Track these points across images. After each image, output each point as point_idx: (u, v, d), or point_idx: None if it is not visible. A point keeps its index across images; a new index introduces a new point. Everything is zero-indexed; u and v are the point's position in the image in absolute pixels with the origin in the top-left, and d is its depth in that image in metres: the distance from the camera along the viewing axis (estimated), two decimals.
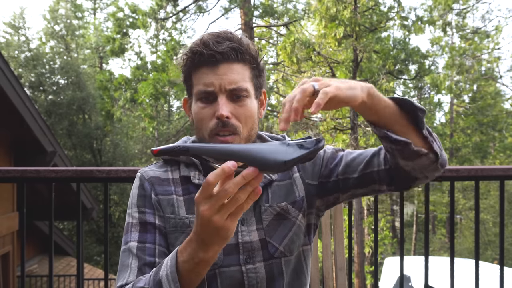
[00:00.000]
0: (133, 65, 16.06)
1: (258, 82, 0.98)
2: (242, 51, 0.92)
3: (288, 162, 0.68)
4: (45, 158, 6.13)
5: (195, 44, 0.92)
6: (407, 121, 0.85)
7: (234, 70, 0.91)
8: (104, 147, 16.30)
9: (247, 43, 0.94)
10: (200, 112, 0.93)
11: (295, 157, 0.68)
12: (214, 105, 0.91)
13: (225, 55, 0.90)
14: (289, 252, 0.96)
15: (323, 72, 10.64)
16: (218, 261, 0.91)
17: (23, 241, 1.75)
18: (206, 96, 0.92)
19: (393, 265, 6.36)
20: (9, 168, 1.69)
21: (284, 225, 0.96)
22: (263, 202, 0.97)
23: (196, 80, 0.93)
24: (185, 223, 0.94)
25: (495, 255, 14.69)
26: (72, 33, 18.30)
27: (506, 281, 1.90)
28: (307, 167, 1.02)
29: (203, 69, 0.92)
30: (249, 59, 0.94)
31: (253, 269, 0.93)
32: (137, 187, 0.99)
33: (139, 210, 0.95)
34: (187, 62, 0.94)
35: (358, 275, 10.13)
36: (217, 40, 0.90)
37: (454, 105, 19.41)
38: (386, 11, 10.44)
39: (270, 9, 12.39)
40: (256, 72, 0.96)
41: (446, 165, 0.90)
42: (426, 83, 12.99)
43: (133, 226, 0.94)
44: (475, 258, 1.88)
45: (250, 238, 0.94)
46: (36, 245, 8.59)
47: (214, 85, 0.90)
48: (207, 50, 0.89)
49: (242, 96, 0.92)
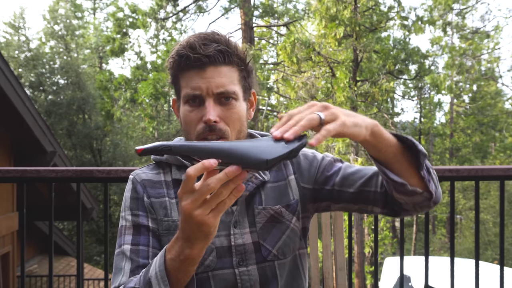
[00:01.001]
0: (133, 65, 16.08)
1: (247, 84, 0.96)
2: (229, 53, 0.90)
3: (270, 161, 0.67)
4: (45, 158, 6.13)
5: (182, 47, 0.90)
6: (408, 163, 0.85)
7: (222, 73, 0.90)
8: (104, 147, 16.29)
9: (235, 44, 0.93)
10: (187, 116, 0.92)
11: (276, 156, 0.68)
12: (202, 109, 0.90)
13: (212, 58, 0.89)
14: (283, 255, 0.95)
15: (323, 72, 10.64)
16: (211, 263, 0.91)
17: (23, 241, 1.75)
18: (193, 99, 0.91)
19: (393, 265, 6.36)
20: (9, 168, 1.68)
21: (278, 228, 0.96)
22: (256, 204, 0.96)
23: (184, 83, 0.92)
24: (177, 225, 0.92)
25: (495, 255, 14.69)
26: (72, 33, 18.29)
27: (506, 281, 1.90)
28: (303, 171, 1.01)
29: (190, 73, 0.90)
30: (237, 61, 0.92)
31: (246, 272, 0.92)
32: (129, 190, 0.98)
33: (132, 213, 0.95)
34: (174, 65, 0.93)
35: (358, 275, 10.13)
36: (203, 43, 0.89)
37: (454, 105, 19.41)
38: (386, 11, 10.44)
39: (270, 9, 12.39)
40: (245, 73, 0.95)
41: (439, 201, 0.91)
42: (426, 83, 13.00)
43: (127, 229, 0.94)
44: (475, 258, 1.88)
45: (243, 240, 0.93)
46: (36, 245, 8.59)
47: (201, 88, 0.89)
48: (193, 53, 0.88)
49: (230, 99, 0.91)
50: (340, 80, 9.47)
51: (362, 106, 10.61)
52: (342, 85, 9.36)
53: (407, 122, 20.47)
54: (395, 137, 0.84)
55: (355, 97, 9.55)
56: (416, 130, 18.50)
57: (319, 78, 10.86)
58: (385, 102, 12.42)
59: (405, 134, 0.84)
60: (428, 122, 15.88)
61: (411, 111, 39.19)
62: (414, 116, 35.30)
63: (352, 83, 9.79)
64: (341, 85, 9.36)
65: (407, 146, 0.84)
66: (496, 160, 17.68)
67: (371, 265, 11.27)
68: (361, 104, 10.38)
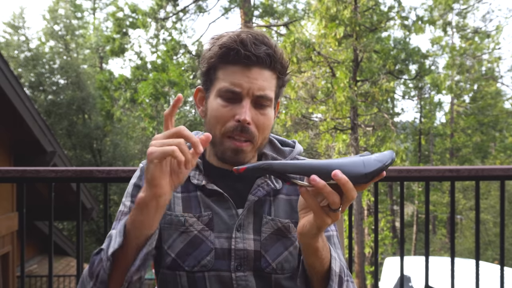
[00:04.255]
0: (133, 65, 16.05)
1: (279, 92, 0.97)
2: (275, 59, 0.90)
3: (368, 174, 0.73)
4: (45, 158, 6.12)
5: (232, 40, 0.88)
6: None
7: (265, 76, 0.89)
8: (104, 147, 16.29)
9: (281, 52, 0.92)
10: (218, 110, 0.90)
11: (373, 170, 0.73)
12: (236, 107, 0.89)
13: (260, 59, 0.88)
14: (281, 270, 0.93)
15: (323, 72, 10.64)
16: (208, 263, 0.91)
17: (23, 241, 1.74)
18: (231, 96, 0.89)
19: (393, 265, 6.36)
20: (9, 168, 1.68)
21: (282, 242, 0.94)
22: (265, 213, 0.95)
23: (223, 76, 0.90)
24: (180, 221, 0.93)
25: (495, 255, 14.69)
26: (72, 33, 18.28)
27: (507, 281, 1.90)
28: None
29: (234, 68, 0.89)
30: (280, 68, 0.92)
31: (244, 277, 0.91)
32: (135, 177, 0.99)
33: (132, 200, 0.96)
34: (218, 55, 0.90)
35: (358, 275, 10.13)
36: (255, 42, 0.88)
37: (454, 105, 19.41)
38: (386, 11, 10.43)
39: (270, 9, 12.40)
40: (281, 82, 0.95)
41: None
42: (426, 83, 13.01)
43: (123, 214, 0.94)
44: (476, 258, 1.88)
45: (244, 246, 0.92)
46: (36, 245, 8.59)
47: (242, 87, 0.88)
48: (244, 49, 0.86)
49: (265, 105, 0.91)
50: (340, 80, 9.46)
51: (362, 106, 10.61)
52: (342, 85, 9.36)
53: (407, 122, 20.47)
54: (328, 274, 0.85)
55: (355, 97, 9.55)
56: (416, 130, 18.49)
57: (319, 78, 10.86)
58: (385, 102, 12.42)
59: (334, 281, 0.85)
60: (428, 122, 15.87)
61: (411, 111, 39.31)
62: (414, 116, 35.36)
63: (352, 83, 9.79)
64: (341, 85, 9.35)
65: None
66: (497, 160, 17.67)
67: (371, 265, 11.27)
68: (361, 104, 10.38)
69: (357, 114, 10.35)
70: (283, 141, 1.06)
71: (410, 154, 17.64)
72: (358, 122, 10.32)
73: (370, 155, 0.76)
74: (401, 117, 21.89)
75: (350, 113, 10.08)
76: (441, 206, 17.67)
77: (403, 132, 16.47)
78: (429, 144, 19.49)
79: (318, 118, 12.30)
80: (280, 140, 1.05)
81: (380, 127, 11.60)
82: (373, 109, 11.36)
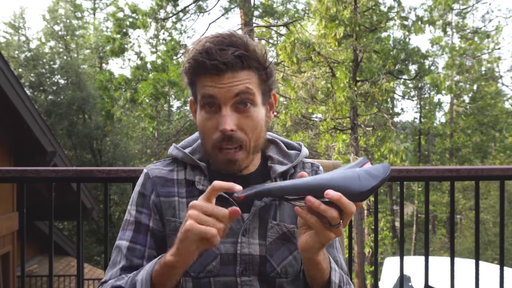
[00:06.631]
0: (133, 65, 16.06)
1: (267, 87, 0.92)
2: (248, 58, 0.86)
3: (365, 193, 0.71)
4: (45, 158, 6.13)
5: (197, 52, 0.86)
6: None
7: (240, 78, 0.85)
8: (104, 147, 16.30)
9: (253, 47, 0.87)
10: (203, 124, 0.89)
11: (370, 188, 0.72)
12: (218, 117, 0.87)
13: (229, 64, 0.84)
14: (285, 274, 0.93)
15: (323, 72, 10.64)
16: (213, 269, 0.91)
17: (23, 241, 1.75)
18: (209, 105, 0.87)
19: (393, 265, 6.36)
20: (9, 168, 1.68)
21: (287, 247, 0.94)
22: (270, 218, 0.94)
23: (200, 88, 0.88)
24: None
25: (495, 255, 14.70)
26: (72, 33, 18.27)
27: (506, 281, 1.90)
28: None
29: (206, 78, 0.86)
30: (256, 65, 0.88)
31: (249, 282, 0.91)
32: (140, 185, 0.98)
33: (137, 209, 0.96)
34: (189, 70, 0.89)
35: (358, 275, 10.13)
36: (220, 48, 0.84)
37: (454, 105, 19.42)
38: (386, 11, 10.44)
39: (270, 9, 12.39)
40: (264, 76, 0.90)
41: None
42: (426, 83, 13.01)
43: (129, 224, 0.95)
44: (475, 258, 1.88)
45: (249, 250, 0.92)
46: (36, 245, 8.59)
47: (218, 96, 0.85)
48: (210, 59, 0.83)
49: (248, 105, 0.87)
50: (340, 80, 9.47)
51: (362, 106, 10.61)
52: (342, 85, 9.36)
53: (407, 122, 20.47)
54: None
55: (355, 97, 9.55)
56: (416, 130, 18.50)
57: (319, 78, 10.86)
58: (385, 102, 12.41)
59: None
60: (428, 122, 15.87)
61: (411, 111, 39.25)
62: (414, 116, 35.31)
63: (352, 83, 9.79)
64: (341, 85, 9.35)
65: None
66: (496, 160, 17.68)
67: (371, 265, 11.27)
68: (361, 104, 10.38)
69: (357, 114, 10.35)
70: (289, 144, 1.04)
71: (410, 154, 17.63)
72: (358, 122, 10.32)
73: (367, 162, 0.75)
74: (401, 117, 21.86)
75: (350, 113, 10.08)
76: (441, 206, 17.69)
77: (403, 132, 16.45)
78: (429, 144, 19.50)
79: (318, 118, 12.30)
80: (286, 143, 1.04)
81: (380, 127, 11.60)
82: (373, 109, 11.35)
